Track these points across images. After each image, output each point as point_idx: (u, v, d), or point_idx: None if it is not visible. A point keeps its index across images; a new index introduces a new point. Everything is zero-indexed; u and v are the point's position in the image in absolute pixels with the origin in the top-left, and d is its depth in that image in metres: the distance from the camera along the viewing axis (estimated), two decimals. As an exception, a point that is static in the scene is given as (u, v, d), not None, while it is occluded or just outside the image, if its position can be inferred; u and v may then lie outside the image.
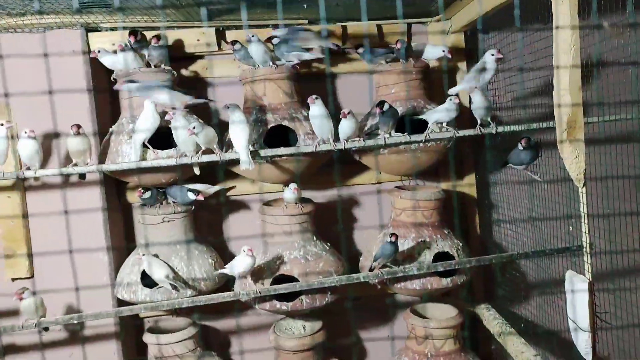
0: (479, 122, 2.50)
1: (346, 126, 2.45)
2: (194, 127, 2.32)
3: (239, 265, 2.41)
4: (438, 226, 2.70)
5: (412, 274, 2.56)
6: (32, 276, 2.63)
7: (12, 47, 2.53)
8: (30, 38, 2.55)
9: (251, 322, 2.99)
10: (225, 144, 2.57)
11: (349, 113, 2.42)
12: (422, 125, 2.60)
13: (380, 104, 2.43)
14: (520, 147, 2.38)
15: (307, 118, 2.62)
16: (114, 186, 2.80)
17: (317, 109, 2.45)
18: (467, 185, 3.01)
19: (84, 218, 2.60)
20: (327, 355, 2.80)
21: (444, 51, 2.67)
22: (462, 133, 2.51)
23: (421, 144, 2.57)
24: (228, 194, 2.90)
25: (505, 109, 2.72)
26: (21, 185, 2.60)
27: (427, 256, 2.60)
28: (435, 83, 2.89)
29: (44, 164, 2.49)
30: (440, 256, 2.63)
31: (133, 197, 2.83)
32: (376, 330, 3.09)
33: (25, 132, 2.35)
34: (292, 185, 2.60)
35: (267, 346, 2.86)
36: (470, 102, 2.53)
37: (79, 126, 2.41)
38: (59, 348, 2.69)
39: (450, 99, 2.48)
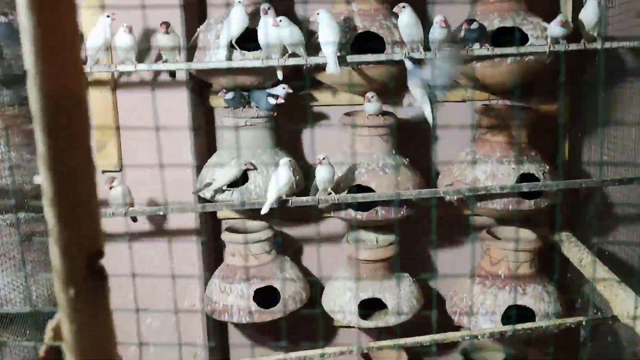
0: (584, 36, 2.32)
1: (436, 34, 2.34)
2: (280, 20, 2.29)
3: (319, 174, 2.42)
4: (525, 147, 2.59)
5: (494, 193, 2.50)
6: (120, 169, 2.75)
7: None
8: None
9: (324, 231, 3.04)
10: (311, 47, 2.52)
11: (444, 22, 2.31)
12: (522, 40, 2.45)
13: (469, 21, 2.31)
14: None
15: (396, 26, 2.52)
16: (199, 88, 2.83)
17: (406, 16, 2.35)
18: (559, 105, 2.84)
19: (170, 117, 2.66)
20: (397, 267, 2.82)
21: None
22: (559, 48, 2.34)
23: (518, 58, 2.42)
24: (311, 104, 2.87)
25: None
26: (113, 80, 2.67)
27: (512, 177, 2.52)
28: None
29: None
30: (525, 178, 2.54)
31: (216, 101, 2.86)
32: (449, 250, 3.07)
33: (123, 26, 2.39)
34: (370, 94, 2.53)
35: (339, 256, 2.92)
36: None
37: (167, 24, 2.43)
38: (143, 240, 2.84)
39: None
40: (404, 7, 2.35)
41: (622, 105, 2.54)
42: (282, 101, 2.52)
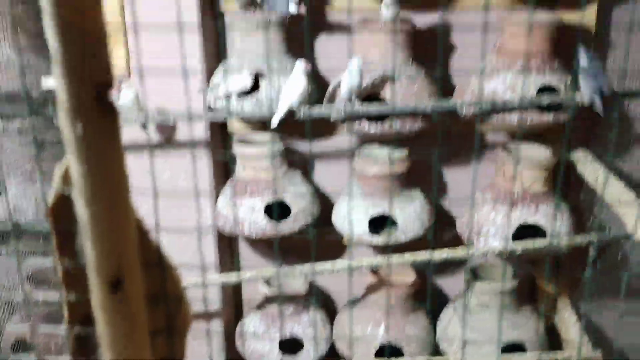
0: None
1: None
2: None
3: (348, 81, 2.32)
4: (548, 57, 2.47)
5: (512, 107, 2.42)
6: (128, 75, 2.67)
7: None
8: None
9: (336, 146, 2.98)
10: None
11: None
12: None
13: None
14: None
15: None
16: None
17: None
18: (588, 14, 2.69)
19: (178, 20, 2.55)
20: (408, 184, 2.78)
21: None
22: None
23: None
24: (327, 8, 2.73)
25: None
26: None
27: (532, 88, 2.42)
28: None
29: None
30: (546, 89, 2.44)
31: (226, 5, 2.72)
32: (463, 168, 3.01)
33: None
34: None
35: (351, 172, 2.88)
36: None
37: None
38: (153, 151, 2.80)
39: None
40: None
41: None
42: (304, 10, 2.37)
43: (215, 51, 2.82)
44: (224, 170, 2.99)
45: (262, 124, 2.80)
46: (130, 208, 0.56)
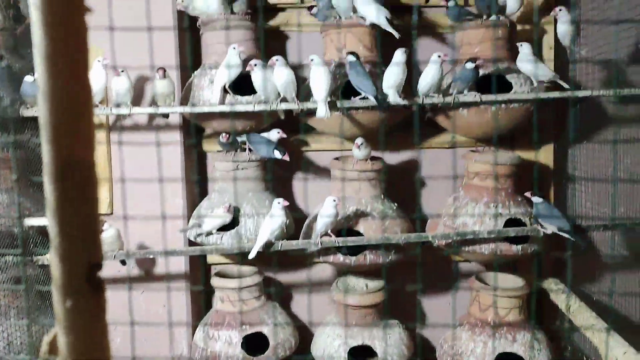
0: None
1: (431, 75, 2.42)
2: (276, 59, 2.37)
3: (323, 216, 2.43)
4: (512, 193, 2.64)
5: (482, 238, 2.53)
6: (111, 213, 2.76)
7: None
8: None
9: (313, 277, 3.03)
10: (302, 94, 2.59)
11: (440, 58, 2.40)
12: (506, 88, 2.54)
13: (471, 60, 2.41)
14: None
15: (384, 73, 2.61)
16: (193, 133, 2.87)
17: (399, 56, 2.43)
18: (545, 153, 2.92)
19: (163, 161, 2.70)
20: (386, 314, 2.80)
21: None
22: (545, 95, 2.43)
23: (502, 105, 2.51)
24: (303, 149, 2.93)
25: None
26: (107, 123, 2.71)
27: (498, 221, 2.56)
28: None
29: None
30: (512, 223, 2.57)
31: (209, 146, 2.90)
32: (438, 296, 3.07)
33: (122, 71, 2.45)
34: (359, 140, 2.58)
35: (329, 302, 2.91)
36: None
37: (164, 70, 2.50)
38: (132, 284, 2.81)
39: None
40: (405, 51, 2.44)
41: (603, 152, 2.61)
42: (288, 159, 2.51)
43: (199, 188, 2.95)
44: (203, 301, 2.99)
45: (241, 257, 2.86)
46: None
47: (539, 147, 2.91)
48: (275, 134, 2.63)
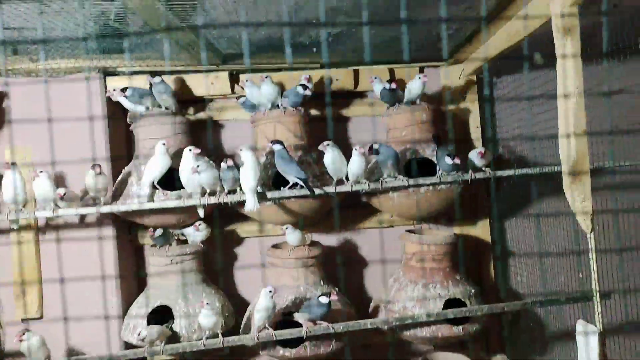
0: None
1: (356, 166, 2.44)
2: (197, 166, 2.35)
3: (259, 309, 2.37)
4: (450, 272, 2.63)
5: (422, 321, 2.49)
6: (41, 317, 2.64)
7: (34, 92, 2.62)
8: (52, 81, 2.65)
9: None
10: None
11: (362, 152, 2.43)
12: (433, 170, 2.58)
13: (370, 147, 2.45)
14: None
15: (316, 160, 2.63)
16: (126, 227, 2.82)
17: (330, 154, 2.45)
18: (481, 229, 2.94)
19: (95, 259, 2.63)
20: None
21: (419, 78, 2.64)
22: (468, 177, 2.47)
23: (430, 187, 2.53)
24: (239, 235, 2.90)
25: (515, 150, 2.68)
26: (34, 226, 2.64)
27: (438, 303, 2.53)
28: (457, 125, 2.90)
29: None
30: (452, 303, 2.55)
31: (144, 239, 2.85)
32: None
33: (40, 171, 2.40)
34: (285, 226, 2.58)
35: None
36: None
37: (100, 166, 2.47)
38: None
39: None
40: (328, 145, 2.46)
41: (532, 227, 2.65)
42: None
43: (138, 282, 2.86)
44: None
45: (181, 355, 2.75)
46: None
47: (474, 223, 2.94)
48: (198, 229, 2.63)
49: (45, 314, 2.64)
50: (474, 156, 2.50)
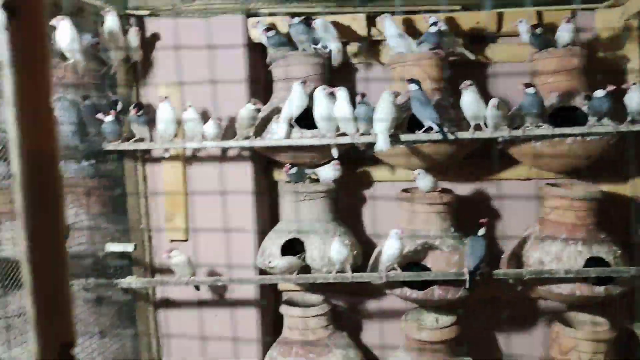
0: None
1: (495, 112, 2.34)
2: (338, 89, 2.39)
3: (388, 249, 2.42)
4: (593, 229, 2.46)
5: (560, 277, 2.37)
6: (186, 239, 2.89)
7: (182, 32, 2.79)
8: (196, 23, 2.80)
9: (382, 308, 2.98)
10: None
11: (497, 102, 2.32)
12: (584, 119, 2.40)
13: (527, 84, 2.31)
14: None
15: (453, 105, 2.55)
16: (263, 163, 2.95)
17: (469, 95, 2.38)
18: (632, 187, 2.70)
19: (235, 190, 2.79)
20: (458, 352, 2.70)
21: (569, 21, 2.44)
22: (625, 128, 2.26)
23: (578, 138, 2.36)
24: (370, 180, 2.92)
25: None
26: (183, 155, 2.86)
27: (578, 260, 2.39)
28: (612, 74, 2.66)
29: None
30: (593, 263, 2.39)
31: (279, 175, 2.97)
32: (514, 334, 2.90)
33: (189, 105, 2.59)
34: (417, 171, 2.54)
35: (397, 334, 2.85)
36: None
37: (259, 101, 2.60)
38: (205, 308, 2.91)
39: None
40: (469, 84, 2.38)
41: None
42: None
43: (271, 216, 3.01)
44: (272, 327, 3.03)
45: (309, 285, 2.88)
46: None
47: (624, 180, 2.70)
48: (331, 169, 2.66)
49: (190, 237, 2.88)
50: (633, 99, 2.28)
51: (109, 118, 2.57)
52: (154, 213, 2.91)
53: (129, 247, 2.62)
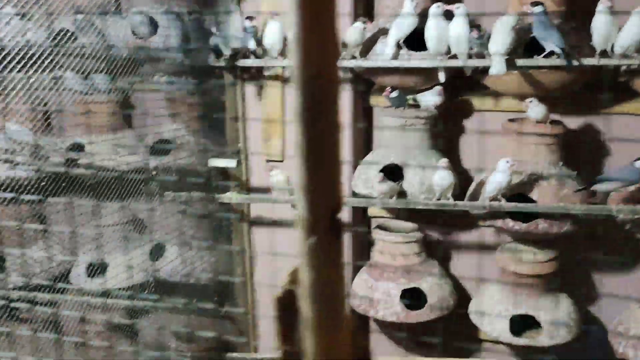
0: None
1: (634, 32, 2.17)
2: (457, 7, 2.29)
3: (495, 179, 2.36)
4: None
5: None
6: (282, 161, 2.90)
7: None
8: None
9: (474, 239, 2.95)
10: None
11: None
12: None
13: None
14: None
15: (574, 30, 2.39)
16: (363, 85, 2.88)
17: (601, 16, 2.21)
18: None
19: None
20: (553, 287, 2.65)
21: None
22: None
23: None
24: (473, 106, 2.81)
25: None
26: (281, 75, 2.83)
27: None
28: None
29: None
30: None
31: (376, 100, 2.91)
32: (615, 274, 2.82)
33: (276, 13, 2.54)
34: (529, 99, 2.42)
35: (487, 267, 2.84)
36: None
37: (368, 20, 2.53)
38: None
39: None
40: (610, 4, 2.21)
41: None
42: None
43: (363, 142, 2.98)
44: (360, 251, 3.07)
45: (404, 212, 2.87)
46: (344, 311, 0.65)
47: None
48: (434, 95, 2.57)
49: (286, 157, 2.90)
50: None
51: (218, 33, 2.56)
52: (251, 133, 2.93)
53: (231, 163, 2.67)
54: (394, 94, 2.60)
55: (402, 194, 2.60)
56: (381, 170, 2.62)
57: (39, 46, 2.40)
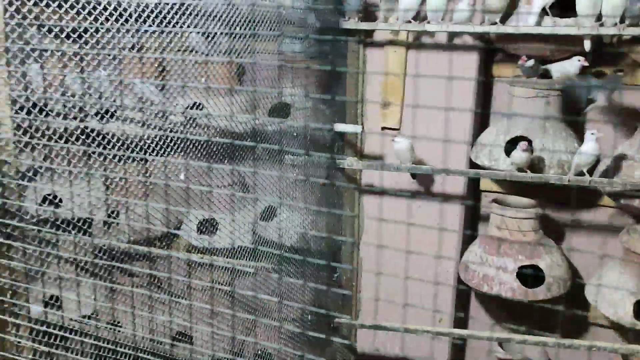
0: None
1: None
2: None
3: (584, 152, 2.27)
4: None
5: None
6: (399, 129, 2.85)
7: None
8: None
9: (595, 220, 2.84)
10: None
11: None
12: None
13: None
14: None
15: None
16: (489, 54, 2.78)
17: None
18: None
19: (455, 81, 2.67)
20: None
21: None
22: None
23: None
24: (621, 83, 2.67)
25: None
26: (406, 40, 2.75)
27: None
28: None
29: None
30: None
31: (498, 71, 2.81)
32: None
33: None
34: None
35: (609, 249, 2.74)
36: None
37: None
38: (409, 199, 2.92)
39: None
40: None
41: None
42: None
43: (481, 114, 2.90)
44: (470, 225, 3.01)
45: (517, 189, 2.78)
46: None
47: None
48: (573, 64, 2.44)
49: (402, 126, 2.84)
50: None
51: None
52: (370, 99, 2.88)
53: (357, 129, 2.63)
54: (529, 63, 2.50)
55: (531, 167, 2.51)
56: (508, 142, 2.53)
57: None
